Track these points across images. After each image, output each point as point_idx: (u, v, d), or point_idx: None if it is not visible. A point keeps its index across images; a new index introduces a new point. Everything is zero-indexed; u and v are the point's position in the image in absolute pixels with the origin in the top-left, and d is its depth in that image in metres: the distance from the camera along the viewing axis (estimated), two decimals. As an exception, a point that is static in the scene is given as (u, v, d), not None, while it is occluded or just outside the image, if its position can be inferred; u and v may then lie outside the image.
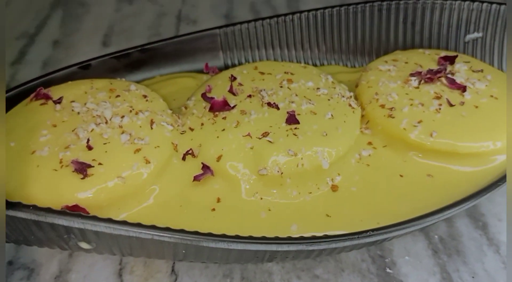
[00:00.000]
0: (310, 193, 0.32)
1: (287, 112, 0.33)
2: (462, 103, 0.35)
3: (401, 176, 0.33)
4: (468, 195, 0.31)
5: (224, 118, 0.33)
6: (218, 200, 0.31)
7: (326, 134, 0.32)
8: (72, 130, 0.31)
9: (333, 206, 0.31)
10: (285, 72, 0.38)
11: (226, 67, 0.45)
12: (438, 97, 0.35)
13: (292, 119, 0.33)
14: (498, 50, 0.43)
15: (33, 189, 0.28)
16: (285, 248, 0.25)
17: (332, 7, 0.44)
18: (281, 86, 0.36)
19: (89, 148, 0.30)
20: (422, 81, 0.36)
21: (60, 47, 0.57)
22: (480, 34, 0.43)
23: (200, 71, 0.45)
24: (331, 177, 0.32)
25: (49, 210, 0.24)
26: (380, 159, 0.34)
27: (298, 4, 0.66)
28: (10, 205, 0.24)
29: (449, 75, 0.37)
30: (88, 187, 0.29)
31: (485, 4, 0.42)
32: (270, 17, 0.45)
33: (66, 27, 0.61)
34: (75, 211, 0.28)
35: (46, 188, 0.28)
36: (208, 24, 0.62)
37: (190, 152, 0.33)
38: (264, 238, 0.25)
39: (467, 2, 0.43)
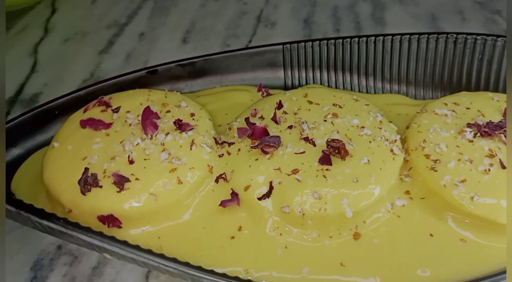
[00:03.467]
0: (331, 237, 0.32)
1: (322, 151, 0.33)
2: (518, 167, 0.32)
3: (431, 235, 0.31)
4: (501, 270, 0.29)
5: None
6: (240, 229, 0.32)
7: (357, 181, 0.32)
8: (120, 142, 0.34)
9: (350, 255, 0.31)
10: (333, 104, 0.37)
11: (285, 84, 0.46)
12: (491, 156, 0.32)
13: (325, 159, 0.33)
14: None
15: (77, 194, 0.32)
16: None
17: (402, 34, 0.42)
18: (325, 120, 0.36)
19: (131, 162, 0.33)
20: (478, 134, 0.34)
21: (145, 40, 0.61)
22: None
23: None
24: (356, 224, 0.32)
25: (76, 225, 0.27)
26: (414, 212, 0.33)
27: (382, 13, 0.63)
28: (45, 215, 0.27)
29: (512, 132, 0.33)
30: (123, 200, 0.32)
31: None
32: (336, 38, 0.44)
33: (153, 20, 0.64)
34: (110, 220, 0.32)
35: (88, 195, 0.32)
36: (286, 28, 0.63)
37: (223, 176, 0.34)
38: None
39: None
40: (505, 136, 0.33)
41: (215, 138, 0.36)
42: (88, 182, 0.32)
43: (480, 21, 0.61)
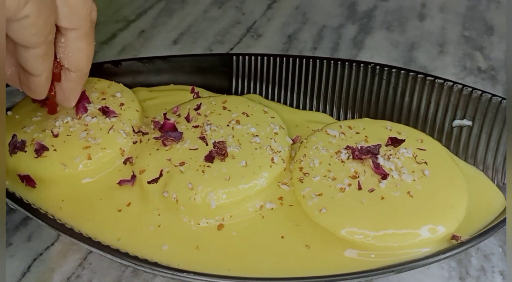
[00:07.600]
0: (198, 224, 0.36)
1: (209, 151, 0.38)
2: (372, 190, 0.35)
3: (282, 237, 0.35)
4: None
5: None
6: (128, 205, 0.38)
7: (229, 179, 0.36)
8: (54, 119, 0.41)
9: (207, 242, 0.35)
10: (242, 113, 0.42)
11: (231, 91, 0.50)
12: (354, 177, 0.36)
13: (209, 157, 0.37)
14: (485, 142, 0.40)
15: (7, 154, 0.39)
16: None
17: (332, 59, 0.46)
18: (228, 125, 0.40)
19: (55, 135, 0.40)
20: (351, 156, 0.37)
21: (143, 37, 0.68)
22: (469, 123, 0.40)
23: (208, 88, 0.51)
24: (223, 216, 0.36)
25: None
26: (278, 215, 0.37)
27: (365, 37, 0.65)
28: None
29: (382, 158, 0.36)
30: (37, 165, 0.38)
31: (476, 92, 0.39)
32: (279, 55, 0.48)
33: (157, 19, 0.72)
34: (26, 180, 0.39)
35: (14, 156, 0.39)
36: (269, 41, 0.67)
37: (130, 159, 0.40)
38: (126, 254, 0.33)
39: (459, 86, 0.40)
40: (373, 162, 0.36)
41: (132, 127, 0.42)
42: (16, 146, 0.39)
43: (457, 55, 0.62)
